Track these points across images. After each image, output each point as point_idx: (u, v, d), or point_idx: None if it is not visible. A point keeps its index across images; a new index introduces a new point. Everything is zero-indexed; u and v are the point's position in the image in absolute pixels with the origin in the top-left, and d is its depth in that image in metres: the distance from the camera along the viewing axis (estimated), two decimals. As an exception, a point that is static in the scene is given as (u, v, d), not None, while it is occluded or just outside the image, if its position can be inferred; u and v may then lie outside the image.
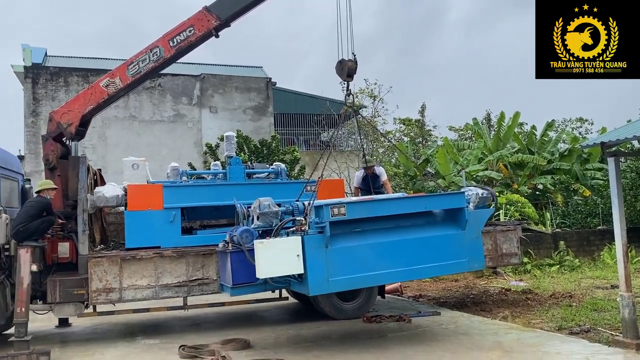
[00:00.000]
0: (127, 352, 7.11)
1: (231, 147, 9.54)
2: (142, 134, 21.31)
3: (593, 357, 5.84)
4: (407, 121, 31.39)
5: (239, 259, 6.52)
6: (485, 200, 7.67)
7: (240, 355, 6.62)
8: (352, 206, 6.40)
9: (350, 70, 7.76)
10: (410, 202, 7.07)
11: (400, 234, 6.68)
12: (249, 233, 6.59)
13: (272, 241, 6.11)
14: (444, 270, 7.19)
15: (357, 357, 6.26)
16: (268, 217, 6.77)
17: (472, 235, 7.06)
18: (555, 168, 21.54)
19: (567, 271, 14.20)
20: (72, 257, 8.00)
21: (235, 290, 6.62)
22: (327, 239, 6.11)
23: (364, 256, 6.37)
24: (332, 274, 6.14)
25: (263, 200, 6.87)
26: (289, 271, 6.08)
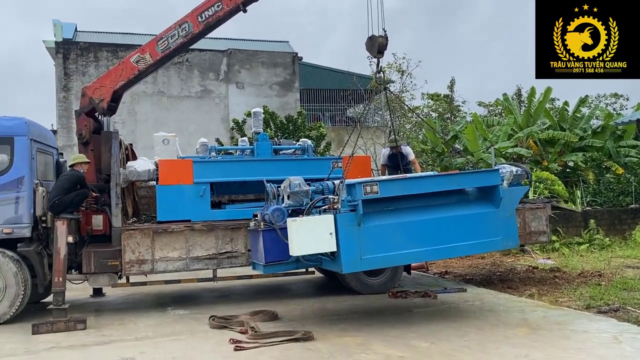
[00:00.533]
0: (159, 322, 7.36)
1: (258, 123, 9.60)
2: (170, 110, 21.54)
3: (621, 335, 5.81)
4: (436, 96, 30.94)
5: (270, 238, 6.59)
6: (519, 178, 7.57)
7: (268, 326, 6.78)
8: (385, 184, 6.38)
9: (380, 47, 7.67)
10: (444, 180, 7.00)
11: (434, 213, 6.66)
12: (281, 212, 6.66)
13: (305, 219, 6.16)
14: (478, 248, 7.17)
15: (383, 331, 6.35)
16: (298, 196, 6.83)
17: (506, 213, 7.00)
18: (587, 145, 21.04)
19: (597, 250, 14.00)
20: (105, 229, 8.25)
21: (268, 267, 6.70)
22: (360, 217, 6.13)
23: (397, 234, 6.38)
24: (365, 252, 6.17)
25: (293, 179, 6.93)
26: (322, 249, 6.13)
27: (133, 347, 6.06)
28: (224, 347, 5.92)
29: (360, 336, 6.16)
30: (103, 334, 6.79)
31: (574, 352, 5.25)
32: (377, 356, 5.39)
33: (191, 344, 6.11)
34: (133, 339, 6.45)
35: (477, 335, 5.99)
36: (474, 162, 20.59)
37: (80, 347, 6.18)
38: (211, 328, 6.83)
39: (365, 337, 6.13)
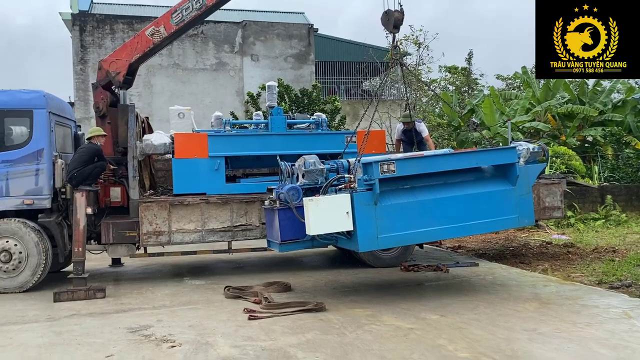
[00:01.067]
0: (176, 291, 7.55)
1: (273, 97, 9.61)
2: (185, 83, 21.58)
3: (632, 311, 5.84)
4: (454, 69, 30.48)
5: (286, 216, 6.62)
6: (536, 155, 7.50)
7: (282, 297, 6.93)
8: (401, 163, 6.37)
9: (396, 22, 7.55)
10: (461, 158, 6.98)
11: (449, 191, 6.66)
12: (296, 191, 6.67)
13: (322, 198, 6.19)
14: (494, 226, 7.18)
15: (394, 303, 6.46)
16: (313, 175, 6.86)
17: (522, 191, 6.98)
18: (607, 119, 20.66)
19: (613, 226, 13.91)
20: (123, 201, 8.42)
21: (284, 246, 6.75)
22: (377, 196, 6.15)
23: (413, 213, 6.41)
24: (381, 231, 6.22)
25: (308, 157, 6.94)
26: (339, 228, 6.17)
27: (150, 315, 6.26)
28: (239, 316, 6.08)
29: (371, 308, 6.28)
30: (122, 302, 7.00)
31: (583, 326, 5.30)
32: (386, 327, 5.50)
33: (207, 313, 6.29)
34: (150, 308, 6.65)
35: (487, 309, 6.07)
36: (489, 137, 20.40)
37: (99, 314, 6.39)
38: (226, 298, 7.00)
39: (375, 309, 6.24)
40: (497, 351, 4.66)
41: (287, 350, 4.87)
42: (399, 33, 7.90)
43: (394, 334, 5.26)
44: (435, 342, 4.96)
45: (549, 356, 4.51)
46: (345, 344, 5.02)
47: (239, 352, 4.86)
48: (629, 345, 4.71)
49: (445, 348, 4.80)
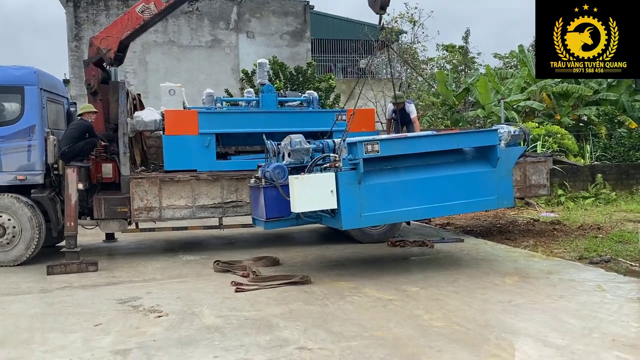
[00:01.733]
0: (167, 265, 7.74)
1: (264, 74, 9.67)
2: (181, 59, 21.50)
3: (605, 284, 6.03)
4: (451, 47, 30.35)
5: (271, 195, 6.76)
6: (517, 138, 7.64)
7: (270, 271, 7.12)
8: (385, 143, 6.53)
9: (383, 3, 7.55)
10: (443, 139, 7.12)
11: (431, 171, 6.83)
12: (282, 169, 6.80)
13: (307, 177, 6.31)
14: (473, 207, 7.36)
15: (377, 276, 6.65)
16: (299, 154, 6.97)
17: (502, 173, 7.16)
18: (601, 99, 20.73)
19: (602, 204, 14.08)
20: (115, 177, 8.55)
21: (269, 224, 6.90)
22: (360, 176, 6.30)
23: (396, 192, 6.58)
24: (365, 210, 6.38)
25: (294, 137, 7.05)
26: (323, 206, 6.32)
27: (141, 288, 6.44)
28: (226, 289, 6.27)
29: (355, 281, 6.47)
30: (113, 275, 7.19)
31: (556, 298, 5.49)
32: (367, 299, 5.69)
33: (195, 286, 6.47)
34: (141, 281, 6.84)
35: (467, 282, 6.25)
36: (483, 116, 20.47)
37: (91, 286, 6.58)
38: (215, 272, 7.18)
39: (359, 281, 6.43)
40: (471, 321, 4.84)
41: (270, 319, 5.06)
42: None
43: (374, 305, 5.45)
44: (413, 313, 5.15)
45: (519, 326, 4.70)
46: (326, 313, 5.21)
47: (223, 321, 5.05)
48: (597, 315, 4.90)
49: (421, 318, 4.98)
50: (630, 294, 5.66)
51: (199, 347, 4.40)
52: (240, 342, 4.49)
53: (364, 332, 4.63)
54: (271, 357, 4.14)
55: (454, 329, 4.63)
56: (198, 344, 4.49)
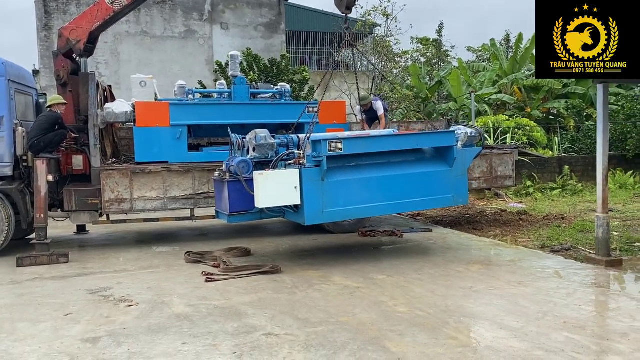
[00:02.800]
0: (139, 257, 7.77)
1: (236, 66, 9.71)
2: (154, 50, 21.28)
3: (563, 271, 6.30)
4: (425, 41, 30.63)
5: (236, 189, 6.85)
6: (473, 140, 7.89)
7: (241, 261, 7.22)
8: (349, 142, 6.72)
9: (349, 3, 7.65)
10: (404, 139, 7.38)
11: (392, 170, 7.07)
12: (246, 164, 6.88)
13: (272, 173, 6.43)
14: (431, 204, 7.66)
15: (346, 265, 6.81)
16: (264, 149, 7.07)
17: (458, 173, 7.45)
18: (570, 92, 21.24)
19: (569, 195, 14.50)
20: (85, 169, 8.52)
21: (232, 217, 7.01)
22: (324, 173, 6.47)
23: (358, 189, 6.78)
24: (327, 206, 6.56)
25: (259, 132, 7.14)
26: (287, 202, 6.45)
27: (111, 279, 6.48)
28: (197, 279, 6.35)
29: (324, 270, 6.62)
30: (84, 267, 7.20)
31: (515, 284, 5.72)
32: (335, 287, 5.84)
33: (166, 276, 6.54)
34: (112, 272, 6.87)
35: (432, 270, 6.46)
36: (455, 109, 20.81)
37: (61, 278, 6.59)
38: (187, 263, 7.25)
39: (328, 270, 6.58)
40: (433, 306, 5.04)
41: (239, 308, 5.17)
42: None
43: (341, 292, 5.61)
44: (378, 299, 5.32)
45: (478, 310, 4.91)
46: (294, 301, 5.34)
47: (192, 310, 5.14)
48: (552, 300, 5.13)
49: (385, 304, 5.15)
50: (586, 279, 5.94)
51: (168, 335, 4.50)
52: (209, 329, 4.60)
53: (329, 318, 4.78)
54: (238, 343, 4.26)
55: (416, 314, 4.81)
56: (167, 331, 4.58)
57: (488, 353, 3.89)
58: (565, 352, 3.87)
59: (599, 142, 6.60)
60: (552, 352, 3.87)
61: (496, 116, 18.31)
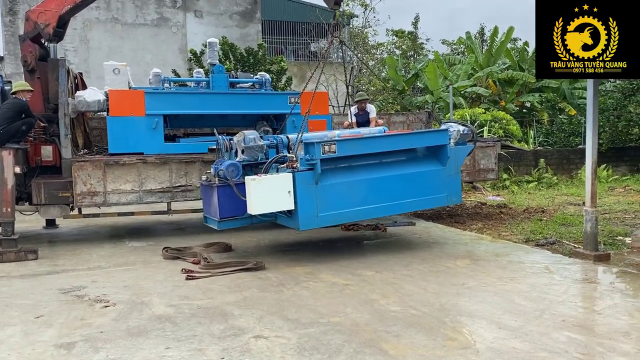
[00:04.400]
0: (113, 253, 7.41)
1: (214, 54, 9.35)
2: (125, 38, 20.59)
3: (553, 266, 6.21)
4: (400, 33, 30.56)
5: (225, 193, 6.53)
6: (465, 137, 7.75)
7: (222, 257, 6.93)
8: (342, 144, 6.49)
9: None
10: (397, 139, 7.16)
11: (385, 170, 6.89)
12: (235, 167, 6.57)
13: (265, 178, 6.13)
14: (425, 204, 7.46)
15: (332, 261, 6.59)
16: (253, 151, 6.77)
17: (451, 171, 7.32)
18: (544, 86, 21.44)
19: (544, 188, 14.62)
20: (55, 160, 8.08)
21: (223, 223, 6.68)
22: (318, 176, 6.24)
23: (351, 192, 6.57)
24: (321, 210, 6.33)
25: (248, 133, 6.83)
26: (281, 207, 6.18)
27: (85, 277, 6.12)
28: (176, 276, 6.05)
29: (310, 266, 6.40)
30: (55, 264, 6.81)
31: (507, 280, 5.61)
32: (323, 284, 5.62)
33: (144, 274, 6.22)
34: (85, 269, 6.50)
35: (420, 266, 6.30)
36: (432, 102, 20.77)
37: (31, 276, 6.20)
38: (164, 259, 6.93)
39: (314, 266, 6.36)
40: (427, 304, 4.86)
41: (224, 308, 4.91)
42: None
43: (330, 290, 5.40)
44: (369, 297, 5.13)
45: (474, 308, 4.76)
46: (282, 300, 5.10)
47: (174, 310, 4.86)
48: (547, 297, 5.02)
49: (377, 302, 4.96)
50: (576, 275, 5.86)
51: (149, 338, 4.21)
52: (193, 331, 4.33)
53: (320, 319, 4.56)
54: (226, 347, 4.01)
55: (410, 313, 4.63)
56: (148, 334, 4.29)
57: (491, 355, 3.73)
58: (570, 354, 3.74)
59: (588, 136, 6.52)
60: (556, 354, 3.73)
61: (472, 109, 18.35)
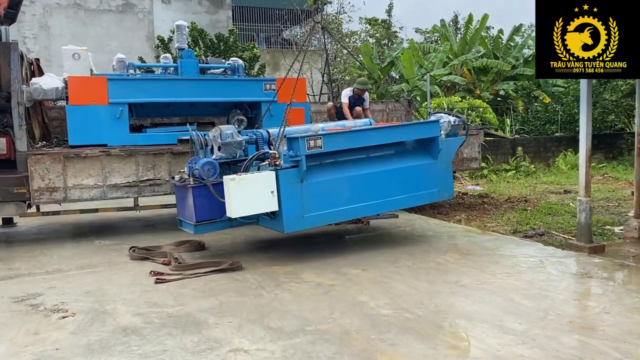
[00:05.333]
0: (74, 253, 6.81)
1: (182, 38, 8.74)
2: (88, 25, 19.63)
3: (547, 259, 5.90)
4: (374, 21, 30.11)
5: (201, 194, 5.96)
6: (456, 129, 7.34)
7: (194, 256, 6.42)
8: (329, 138, 5.99)
9: None
10: (387, 132, 6.65)
11: (374, 165, 6.43)
12: (212, 166, 6.00)
13: (245, 178, 5.57)
14: (416, 200, 6.99)
15: (314, 258, 6.15)
16: (231, 148, 6.21)
17: (443, 165, 6.93)
18: (518, 74, 21.36)
19: (523, 176, 14.48)
20: (10, 153, 7.38)
21: (199, 227, 6.10)
22: (303, 174, 5.74)
23: (339, 190, 6.10)
24: (307, 210, 5.84)
25: (224, 128, 6.26)
26: (264, 209, 5.66)
27: (42, 282, 5.53)
28: (145, 279, 5.52)
29: (291, 264, 5.94)
30: (10, 267, 6.19)
31: (503, 277, 5.26)
32: (306, 285, 5.17)
33: (108, 277, 5.66)
34: (43, 273, 5.90)
35: (408, 262, 5.91)
36: (407, 90, 20.46)
37: (-20, 283, 5.59)
38: (131, 260, 6.37)
39: (295, 265, 5.91)
40: (421, 306, 4.47)
41: (197, 316, 4.42)
42: None
43: (314, 292, 4.95)
44: (357, 299, 4.70)
45: (471, 310, 4.38)
46: (262, 305, 4.64)
47: (141, 320, 4.34)
48: (548, 294, 4.69)
49: (367, 305, 4.54)
50: (573, 269, 5.56)
51: (112, 355, 3.70)
52: (163, 345, 3.83)
53: (306, 326, 4.11)
54: (201, 363, 3.53)
55: (404, 317, 4.23)
56: (112, 350, 3.78)
57: (499, 366, 3.36)
58: (585, 361, 3.39)
59: (582, 124, 6.23)
60: (571, 362, 3.38)
61: (449, 97, 18.10)
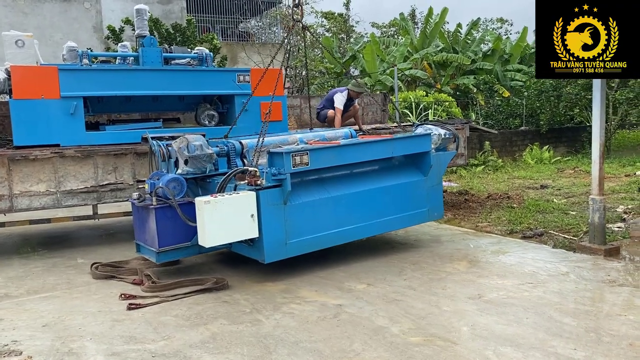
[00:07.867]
0: (24, 273, 5.82)
1: (143, 24, 7.79)
2: (29, 14, 18.08)
3: (564, 265, 5.37)
4: (330, 15, 29.50)
5: (165, 216, 5.10)
6: (447, 142, 6.75)
7: (169, 273, 5.58)
8: (316, 154, 5.22)
9: None
10: (378, 146, 5.90)
11: (360, 183, 5.76)
12: (178, 183, 5.15)
13: (221, 200, 4.73)
14: (406, 222, 6.30)
15: (309, 271, 5.44)
16: (200, 162, 5.33)
17: (433, 182, 6.34)
18: (477, 68, 21.33)
19: (491, 171, 14.28)
20: (-59, 157, 6.30)
21: (162, 255, 5.21)
22: (287, 194, 5.00)
23: (325, 212, 5.39)
24: (291, 236, 5.11)
25: (192, 139, 5.35)
26: (242, 236, 4.87)
27: (-14, 313, 4.59)
28: (115, 305, 4.66)
29: (284, 280, 5.20)
30: (-56, 294, 5.17)
31: (528, 288, 4.72)
32: (309, 306, 4.45)
33: (69, 304, 4.75)
34: (-13, 300, 4.94)
35: (416, 272, 5.30)
36: (372, 84, 20.00)
37: None
38: (95, 279, 5.47)
39: (289, 280, 5.18)
40: (451, 330, 3.85)
41: (188, 353, 3.63)
42: None
43: (322, 316, 4.24)
44: (375, 324, 4.03)
45: (512, 332, 3.79)
46: (263, 336, 3.89)
47: (119, 363, 3.52)
48: (587, 309, 4.17)
49: (389, 331, 3.88)
50: (597, 275, 5.08)
51: (88, 417, 2.88)
52: (153, 399, 3.05)
53: (325, 363, 3.41)
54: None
55: (438, 346, 3.59)
56: (85, 408, 2.96)
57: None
58: (675, 399, 2.86)
59: (595, 120, 5.82)
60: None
61: (413, 92, 17.76)
